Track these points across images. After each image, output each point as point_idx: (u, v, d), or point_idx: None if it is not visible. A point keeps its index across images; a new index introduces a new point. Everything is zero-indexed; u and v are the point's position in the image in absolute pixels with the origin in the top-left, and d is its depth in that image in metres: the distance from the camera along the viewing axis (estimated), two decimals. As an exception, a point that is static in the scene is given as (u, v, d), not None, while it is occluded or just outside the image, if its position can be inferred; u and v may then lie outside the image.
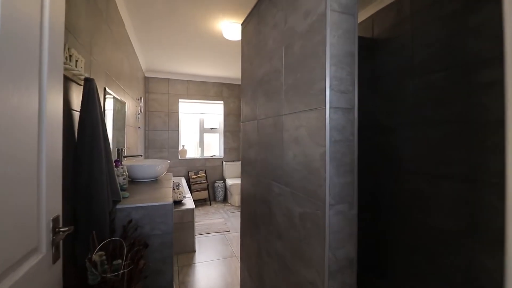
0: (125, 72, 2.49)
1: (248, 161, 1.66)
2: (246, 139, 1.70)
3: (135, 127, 3.11)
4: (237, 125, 4.89)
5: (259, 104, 1.46)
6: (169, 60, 3.73)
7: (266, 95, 1.36)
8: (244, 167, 1.75)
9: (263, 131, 1.41)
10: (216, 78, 4.68)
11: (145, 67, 4.04)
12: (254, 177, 1.55)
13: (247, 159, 1.68)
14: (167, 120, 4.46)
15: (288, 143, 1.13)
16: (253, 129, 1.56)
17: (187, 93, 4.57)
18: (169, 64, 3.92)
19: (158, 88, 4.40)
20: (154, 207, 1.36)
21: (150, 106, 4.36)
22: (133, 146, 2.93)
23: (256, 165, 1.51)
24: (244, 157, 1.75)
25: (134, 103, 3.05)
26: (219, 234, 3.09)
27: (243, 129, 1.76)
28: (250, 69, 1.61)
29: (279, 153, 1.21)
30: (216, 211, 4.06)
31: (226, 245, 2.81)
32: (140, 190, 1.68)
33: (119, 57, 2.19)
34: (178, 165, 4.50)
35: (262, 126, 1.42)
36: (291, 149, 1.10)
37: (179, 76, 4.48)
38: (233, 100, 4.87)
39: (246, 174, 1.70)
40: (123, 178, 1.67)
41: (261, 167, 1.44)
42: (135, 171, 1.98)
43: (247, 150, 1.69)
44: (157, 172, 2.08)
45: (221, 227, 3.28)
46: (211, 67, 4.01)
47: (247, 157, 1.69)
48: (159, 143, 4.41)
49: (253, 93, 1.56)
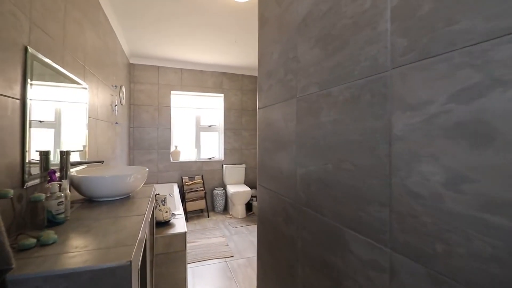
0: (88, 46, 1.78)
1: (273, 173, 0.96)
2: (269, 135, 0.99)
3: (110, 122, 2.40)
4: (240, 122, 4.19)
5: (305, 64, 0.75)
6: (158, 42, 3.02)
7: (327, 40, 0.65)
8: (264, 181, 1.04)
9: (316, 120, 0.70)
10: (215, 66, 3.97)
11: (129, 50, 3.33)
12: (287, 205, 0.85)
13: (270, 168, 0.98)
14: (157, 116, 3.75)
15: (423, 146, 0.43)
16: (286, 116, 0.86)
17: (180, 84, 3.86)
18: (158, 47, 3.21)
19: (145, 77, 3.69)
20: (91, 274, 0.65)
21: (136, 99, 3.64)
22: (105, 147, 2.22)
23: (294, 183, 0.81)
24: (265, 166, 1.04)
25: (109, 92, 2.34)
26: (220, 261, 2.38)
27: (263, 119, 1.06)
28: (279, 12, 0.91)
29: (380, 169, 0.51)
30: (215, 225, 3.35)
31: (229, 279, 2.10)
32: (88, 224, 0.97)
33: (78, 24, 1.48)
34: (170, 169, 3.79)
35: (313, 110, 0.72)
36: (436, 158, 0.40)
37: (171, 63, 3.77)
38: (235, 92, 4.17)
39: (267, 195, 1.00)
40: (58, 202, 0.97)
41: (307, 191, 0.74)
42: (91, 186, 1.26)
43: (270, 153, 0.98)
44: (128, 186, 1.37)
45: (222, 251, 2.57)
46: (210, 51, 3.30)
47: (269, 166, 0.99)
48: (146, 143, 3.70)
49: (288, 45, 0.85)
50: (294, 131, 0.80)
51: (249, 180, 4.21)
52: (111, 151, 2.41)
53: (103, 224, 0.98)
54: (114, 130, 2.58)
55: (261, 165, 1.06)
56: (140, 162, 3.65)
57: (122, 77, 3.00)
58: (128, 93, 3.42)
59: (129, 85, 3.52)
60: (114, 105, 2.49)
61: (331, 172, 0.62)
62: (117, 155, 2.71)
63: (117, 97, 2.67)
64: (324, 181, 0.65)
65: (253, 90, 4.26)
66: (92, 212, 1.12)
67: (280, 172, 0.88)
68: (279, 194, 0.87)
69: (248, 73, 4.20)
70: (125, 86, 3.12)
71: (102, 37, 2.12)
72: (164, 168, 3.76)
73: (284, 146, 0.86)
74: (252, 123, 4.26)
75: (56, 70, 1.21)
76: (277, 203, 0.89)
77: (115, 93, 2.56)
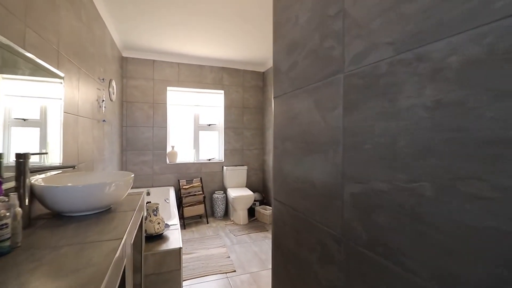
0: (64, 27, 1.50)
1: (298, 186, 0.67)
2: (290, 133, 0.71)
3: (97, 120, 2.12)
4: (241, 120, 3.91)
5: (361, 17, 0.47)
6: (153, 34, 2.73)
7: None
8: (283, 195, 0.76)
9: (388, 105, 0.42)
10: (215, 61, 3.69)
11: (121, 43, 3.04)
12: (325, 237, 0.57)
13: (294, 179, 0.69)
14: (152, 114, 3.47)
15: None
16: (322, 103, 0.58)
17: (177, 79, 3.58)
18: (153, 39, 2.93)
19: (139, 72, 3.40)
20: None
21: (129, 95, 3.36)
22: (89, 148, 1.93)
23: (339, 205, 0.53)
24: (284, 174, 0.76)
25: (95, 85, 2.06)
26: (220, 277, 2.10)
27: (281, 112, 0.77)
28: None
29: None
30: (215, 233, 3.07)
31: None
32: (40, 257, 0.69)
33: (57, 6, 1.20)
34: (166, 172, 3.50)
35: (380, 88, 0.44)
36: None
37: (167, 56, 3.48)
38: (236, 89, 3.88)
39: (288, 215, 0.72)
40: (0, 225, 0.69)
41: (369, 223, 0.45)
42: (57, 198, 0.98)
43: (293, 158, 0.70)
44: (108, 197, 1.09)
45: (223, 264, 2.29)
46: (209, 44, 3.02)
47: (292, 175, 0.70)
48: (141, 143, 3.41)
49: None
50: (339, 125, 0.52)
51: (251, 183, 3.93)
52: (97, 153, 2.13)
53: (61, 255, 0.70)
54: (102, 128, 2.30)
55: (278, 173, 0.78)
56: (133, 164, 3.36)
57: (113, 71, 2.72)
58: (120, 89, 3.13)
59: (121, 80, 3.23)
60: (102, 101, 2.21)
61: (428, 196, 0.34)
62: (106, 157, 2.43)
63: (106, 92, 2.39)
64: (410, 212, 0.37)
65: (255, 86, 3.98)
66: (54, 235, 0.84)
67: (312, 186, 0.60)
68: (310, 218, 0.59)
69: (250, 68, 3.92)
70: (116, 81, 2.83)
71: (85, 21, 1.84)
72: (160, 171, 3.48)
73: (319, 148, 0.58)
74: (255, 122, 3.98)
75: (13, 51, 0.93)
76: (305, 230, 0.61)
77: (103, 87, 2.28)
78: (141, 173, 3.39)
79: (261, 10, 2.27)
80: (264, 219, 3.41)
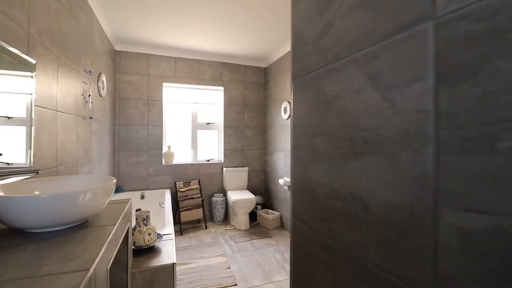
0: (37, 7, 1.28)
1: (336, 205, 0.45)
2: (321, 126, 0.49)
3: (82, 117, 1.90)
4: (242, 119, 3.69)
5: None
6: (147, 25, 2.51)
7: None
8: (309, 215, 0.54)
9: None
10: (214, 55, 3.47)
11: (113, 35, 2.82)
12: None
13: (327, 193, 0.48)
14: (147, 112, 3.25)
15: None
16: (390, 74, 0.36)
17: (174, 75, 3.36)
18: (148, 31, 2.70)
19: (133, 66, 3.18)
20: None
21: (123, 92, 3.13)
22: (73, 148, 1.71)
23: (430, 246, 0.31)
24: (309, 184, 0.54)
25: (79, 78, 1.84)
26: (220, 292, 1.88)
27: (306, 97, 0.55)
28: None
29: None
30: (214, 239, 2.85)
31: (232, 320, 1.61)
32: None
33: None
34: (161, 173, 3.28)
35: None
36: None
37: (163, 50, 3.26)
38: (237, 85, 3.66)
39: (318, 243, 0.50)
40: None
41: None
42: (14, 211, 0.76)
43: (326, 162, 0.48)
44: (81, 209, 0.87)
45: (223, 276, 2.07)
46: (207, 36, 2.80)
47: (325, 188, 0.48)
48: (135, 143, 3.19)
49: None
50: (426, 109, 0.30)
51: (253, 185, 3.71)
52: (83, 153, 1.91)
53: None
54: (89, 126, 2.07)
55: (302, 183, 0.56)
56: (127, 165, 3.14)
57: (103, 64, 2.50)
58: (112, 85, 2.91)
59: (114, 75, 3.01)
60: (88, 95, 1.99)
61: None
62: (94, 157, 2.21)
63: (93, 86, 2.17)
64: None
65: (256, 83, 3.76)
66: (4, 261, 0.63)
67: (363, 208, 0.39)
68: (362, 259, 0.37)
69: (252, 63, 3.70)
70: (107, 75, 2.61)
71: (67, 5, 1.62)
72: (155, 172, 3.26)
73: (379, 147, 0.37)
74: (256, 120, 3.76)
75: None
76: (354, 275, 0.39)
77: (90, 81, 2.06)
78: (135, 175, 3.17)
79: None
80: (267, 224, 3.19)
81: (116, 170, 3.10)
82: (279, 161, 3.32)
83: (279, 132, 3.34)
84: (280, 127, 3.31)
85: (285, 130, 3.18)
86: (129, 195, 3.00)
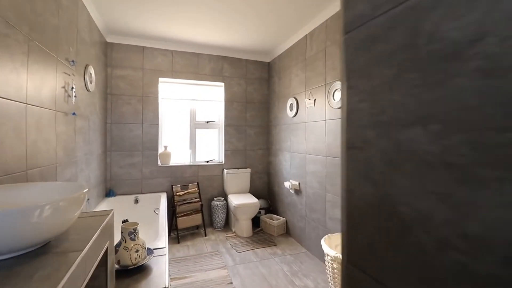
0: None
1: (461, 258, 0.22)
2: (440, 108, 0.25)
3: (62, 112, 1.65)
4: (244, 117, 3.45)
5: None
6: (141, 15, 2.27)
7: None
8: (387, 270, 0.30)
9: None
10: (214, 49, 3.23)
11: (105, 25, 2.58)
12: None
13: (437, 231, 0.24)
14: (141, 109, 3.00)
15: None
16: None
17: (171, 69, 3.12)
18: (142, 21, 2.46)
19: (127, 60, 2.94)
20: None
21: (115, 87, 2.89)
22: (51, 147, 1.47)
23: None
24: (393, 213, 0.30)
25: (60, 68, 1.60)
26: (221, 314, 1.64)
27: (378, 61, 0.31)
28: None
29: None
30: (214, 248, 2.60)
31: None
32: None
33: None
34: (157, 176, 3.04)
35: None
36: None
37: (159, 42, 3.02)
38: (238, 81, 3.43)
39: None
40: None
41: None
42: None
43: (453, 178, 0.24)
44: (38, 229, 0.63)
45: (224, 294, 1.82)
46: (206, 27, 2.55)
47: (432, 222, 0.24)
48: (128, 143, 2.95)
49: None
50: None
51: (255, 188, 3.47)
52: (64, 154, 1.67)
53: None
54: (73, 123, 1.83)
55: (369, 207, 0.32)
56: (119, 167, 2.90)
57: (91, 56, 2.26)
58: (103, 79, 2.67)
59: (105, 69, 2.77)
60: (71, 88, 1.75)
61: None
62: (79, 159, 1.96)
63: (78, 78, 1.92)
64: None
65: (259, 78, 3.52)
66: None
67: None
68: None
69: (254, 57, 3.47)
70: (96, 69, 2.37)
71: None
72: (150, 174, 3.01)
73: None
74: (259, 119, 3.52)
75: None
76: None
77: (73, 72, 1.81)
78: (129, 177, 2.93)
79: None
80: (271, 230, 2.95)
81: (108, 172, 2.86)
82: (284, 162, 3.08)
83: (284, 131, 3.10)
84: (285, 126, 3.07)
85: (290, 129, 2.94)
86: (122, 199, 2.75)
